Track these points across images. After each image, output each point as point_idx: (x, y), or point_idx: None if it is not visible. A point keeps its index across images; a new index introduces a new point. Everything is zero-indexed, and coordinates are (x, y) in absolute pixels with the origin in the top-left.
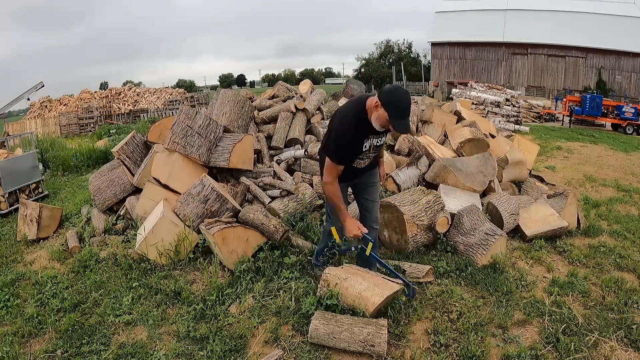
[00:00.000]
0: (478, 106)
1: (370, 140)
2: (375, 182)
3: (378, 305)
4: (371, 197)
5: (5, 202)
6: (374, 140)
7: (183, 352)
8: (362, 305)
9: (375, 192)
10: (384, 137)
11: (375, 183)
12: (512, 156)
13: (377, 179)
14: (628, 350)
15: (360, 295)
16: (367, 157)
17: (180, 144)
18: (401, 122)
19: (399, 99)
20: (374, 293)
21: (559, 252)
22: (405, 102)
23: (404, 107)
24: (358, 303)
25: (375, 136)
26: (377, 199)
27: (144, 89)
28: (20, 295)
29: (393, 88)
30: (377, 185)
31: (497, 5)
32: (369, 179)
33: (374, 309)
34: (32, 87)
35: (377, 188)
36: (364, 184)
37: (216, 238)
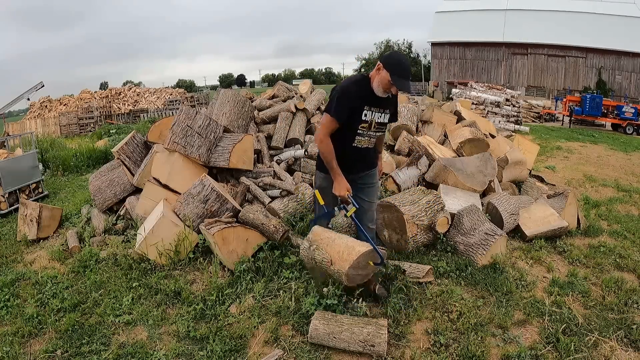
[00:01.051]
0: (478, 106)
1: (372, 112)
2: (373, 183)
3: (361, 255)
4: (368, 197)
5: (5, 202)
6: (375, 115)
7: (183, 352)
8: (345, 254)
9: (373, 193)
10: (386, 115)
11: (373, 184)
12: (512, 156)
13: (375, 180)
14: (628, 350)
15: (347, 245)
16: (367, 135)
17: (180, 144)
18: (403, 81)
19: (399, 59)
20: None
21: (559, 252)
22: (406, 63)
23: (405, 67)
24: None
25: (377, 109)
26: (374, 199)
27: (144, 89)
28: (20, 295)
29: (394, 52)
30: (375, 187)
31: (497, 5)
32: (367, 180)
33: (358, 256)
34: (32, 87)
35: (375, 189)
36: (362, 183)
37: (216, 238)
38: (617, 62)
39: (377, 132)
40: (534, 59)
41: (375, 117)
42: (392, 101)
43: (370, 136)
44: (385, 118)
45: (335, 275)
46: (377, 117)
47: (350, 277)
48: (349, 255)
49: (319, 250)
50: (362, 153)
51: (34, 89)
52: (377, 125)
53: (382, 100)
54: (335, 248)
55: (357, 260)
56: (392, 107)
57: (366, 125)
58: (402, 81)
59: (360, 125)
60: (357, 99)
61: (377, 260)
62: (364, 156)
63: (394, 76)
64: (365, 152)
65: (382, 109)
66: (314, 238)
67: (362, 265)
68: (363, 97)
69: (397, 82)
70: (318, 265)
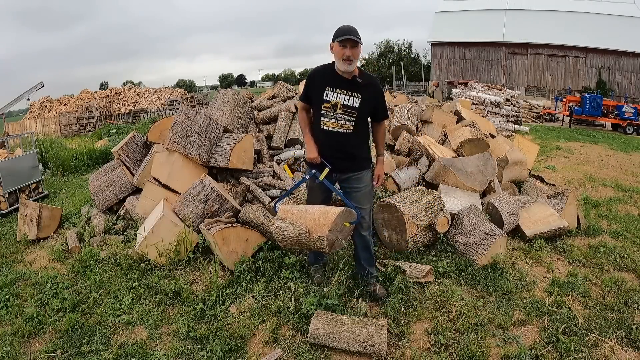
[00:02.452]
0: (478, 106)
1: (337, 93)
2: (360, 188)
3: (337, 216)
4: (357, 203)
5: (5, 202)
6: (340, 97)
7: (183, 352)
8: (322, 219)
9: (361, 198)
10: (355, 99)
11: (360, 189)
12: (512, 156)
13: (364, 185)
14: (628, 350)
15: (320, 211)
16: (333, 116)
17: (180, 144)
18: (345, 36)
19: (339, 27)
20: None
21: (559, 252)
22: (343, 26)
23: (343, 28)
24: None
25: (342, 91)
26: (364, 205)
27: (144, 89)
28: (20, 295)
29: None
30: (363, 192)
31: (497, 5)
32: (353, 184)
33: (335, 217)
34: (32, 87)
35: (364, 194)
36: (349, 187)
37: (216, 238)
38: (617, 62)
39: (345, 115)
40: (534, 59)
41: (341, 98)
42: (365, 86)
43: (338, 118)
44: (355, 102)
45: (316, 244)
46: (344, 99)
47: (331, 241)
48: (325, 219)
49: (294, 225)
50: (332, 137)
51: (34, 89)
52: (343, 107)
53: (349, 83)
54: (310, 217)
55: (334, 223)
56: (365, 92)
57: (329, 105)
58: (344, 37)
59: (323, 105)
60: (319, 80)
61: (353, 219)
62: (336, 141)
63: (336, 40)
64: (335, 136)
65: (350, 91)
66: (284, 216)
67: (339, 227)
68: (325, 76)
69: (341, 40)
70: (297, 240)
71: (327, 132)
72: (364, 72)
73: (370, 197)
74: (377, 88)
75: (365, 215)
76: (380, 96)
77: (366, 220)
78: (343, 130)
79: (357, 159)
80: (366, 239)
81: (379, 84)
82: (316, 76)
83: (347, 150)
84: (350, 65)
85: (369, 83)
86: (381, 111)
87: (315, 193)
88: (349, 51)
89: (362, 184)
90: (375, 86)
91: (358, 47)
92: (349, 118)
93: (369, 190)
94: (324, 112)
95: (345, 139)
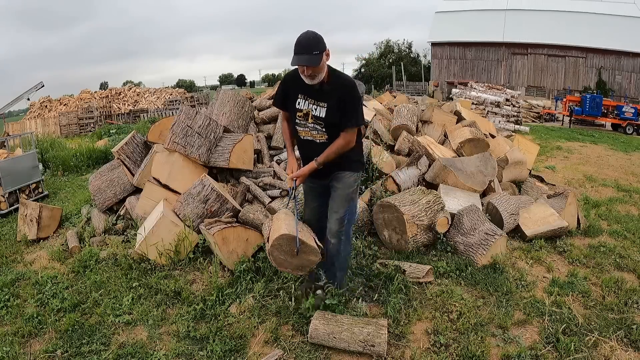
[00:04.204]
0: (478, 106)
1: (307, 102)
2: (337, 188)
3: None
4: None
5: (5, 202)
6: (312, 106)
7: (183, 352)
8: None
9: (336, 199)
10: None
11: (337, 189)
12: (512, 156)
13: (341, 185)
14: (628, 350)
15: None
16: (306, 125)
17: (180, 144)
18: (297, 57)
19: (297, 38)
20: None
21: (559, 252)
22: (301, 39)
23: (299, 42)
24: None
25: (311, 100)
26: (336, 208)
27: (144, 89)
28: (20, 295)
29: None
30: (339, 193)
31: (497, 5)
32: (333, 181)
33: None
34: (32, 87)
35: (339, 196)
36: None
37: (216, 238)
38: (617, 62)
39: (317, 125)
40: (534, 59)
41: (312, 108)
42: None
43: (310, 128)
44: (321, 112)
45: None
46: (313, 109)
47: (276, 259)
48: (272, 235)
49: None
50: (309, 146)
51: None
52: (313, 117)
53: (317, 92)
54: (273, 227)
55: (277, 241)
56: (330, 99)
57: (302, 114)
58: (296, 57)
59: (297, 113)
60: (292, 86)
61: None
62: (314, 151)
63: (293, 57)
64: (312, 146)
65: (317, 101)
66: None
67: (286, 249)
68: (297, 83)
69: (293, 60)
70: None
71: (303, 141)
72: (334, 76)
73: (346, 202)
74: (343, 92)
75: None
76: (348, 102)
77: (334, 227)
78: (317, 140)
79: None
80: (332, 246)
81: (349, 87)
82: (289, 82)
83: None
84: (313, 80)
85: (334, 89)
86: (345, 119)
87: (309, 198)
88: (307, 71)
89: (339, 184)
90: (340, 91)
91: (319, 64)
92: (320, 128)
93: (348, 194)
94: (298, 120)
95: (322, 148)
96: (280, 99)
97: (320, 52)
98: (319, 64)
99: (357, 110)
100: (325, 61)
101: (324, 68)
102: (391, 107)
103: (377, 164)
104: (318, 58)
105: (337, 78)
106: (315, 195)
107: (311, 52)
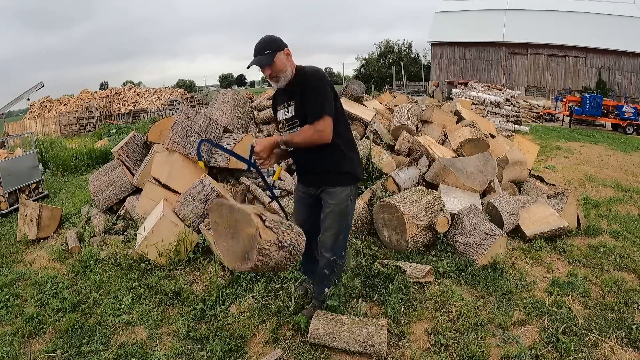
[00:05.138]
0: (478, 106)
1: (281, 110)
2: (329, 205)
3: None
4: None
5: (5, 202)
6: (281, 113)
7: (183, 352)
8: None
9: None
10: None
11: (329, 205)
12: (512, 156)
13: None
14: (628, 350)
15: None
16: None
17: (180, 144)
18: (252, 60)
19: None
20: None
21: (559, 252)
22: (255, 43)
23: (254, 48)
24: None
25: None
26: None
27: (144, 89)
28: (20, 295)
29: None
30: (332, 209)
31: (497, 5)
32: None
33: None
34: (32, 87)
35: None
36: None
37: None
38: (617, 62)
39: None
40: (534, 59)
41: (282, 115)
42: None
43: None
44: (291, 111)
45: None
46: (284, 114)
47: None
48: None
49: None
50: (296, 157)
51: (34, 89)
52: (287, 122)
53: (286, 93)
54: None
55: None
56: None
57: (281, 125)
58: (250, 62)
59: (279, 127)
60: (274, 103)
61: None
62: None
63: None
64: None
65: (287, 102)
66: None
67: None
68: (277, 97)
69: (249, 64)
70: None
71: (290, 153)
72: (299, 73)
73: (339, 217)
74: (302, 83)
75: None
76: (306, 93)
77: (329, 241)
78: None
79: (330, 173)
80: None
81: (309, 76)
82: (273, 101)
83: (313, 165)
84: (279, 82)
85: (298, 84)
86: (307, 110)
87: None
88: (266, 71)
89: (332, 200)
90: (302, 82)
91: (273, 62)
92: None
93: (341, 210)
94: (280, 133)
95: (304, 153)
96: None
97: (273, 50)
98: (271, 61)
99: (321, 99)
100: (285, 60)
101: (284, 68)
102: (391, 107)
103: (377, 164)
104: (270, 57)
105: (301, 74)
106: (305, 206)
107: (262, 53)
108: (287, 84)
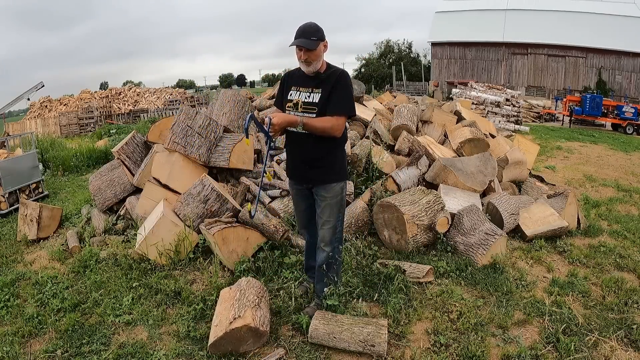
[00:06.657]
0: (478, 106)
1: (300, 92)
2: (326, 198)
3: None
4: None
5: (5, 202)
6: (302, 95)
7: (183, 352)
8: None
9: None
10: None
11: (326, 199)
12: (512, 156)
13: (330, 195)
14: (628, 350)
15: (226, 316)
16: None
17: (180, 144)
18: (296, 40)
19: (298, 27)
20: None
21: (559, 252)
22: (301, 26)
23: (298, 29)
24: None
25: (305, 89)
26: (327, 217)
27: (144, 89)
28: (20, 295)
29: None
30: (329, 202)
31: (497, 5)
32: (321, 192)
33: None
34: (32, 87)
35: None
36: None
37: (216, 238)
38: (617, 62)
39: (306, 113)
40: (534, 59)
41: (302, 97)
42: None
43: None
44: (315, 98)
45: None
46: (305, 96)
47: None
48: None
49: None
50: (296, 141)
51: (34, 89)
52: (304, 105)
53: (311, 80)
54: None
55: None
56: (324, 86)
57: (292, 104)
58: (294, 40)
59: (287, 104)
60: (288, 82)
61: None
62: (299, 144)
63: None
64: (298, 140)
65: (311, 87)
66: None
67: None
68: (293, 78)
69: (293, 43)
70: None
71: (289, 132)
72: (330, 67)
73: (336, 210)
74: (337, 79)
75: (328, 227)
76: (338, 88)
77: (327, 235)
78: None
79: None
80: (323, 255)
81: (342, 76)
82: (286, 78)
83: (313, 157)
84: (309, 67)
85: (329, 77)
86: (332, 103)
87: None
88: (303, 55)
89: (329, 194)
90: (332, 78)
91: (315, 49)
92: (310, 115)
93: (336, 202)
94: (287, 111)
95: (306, 141)
96: (279, 98)
97: (318, 39)
98: (315, 48)
99: (349, 98)
100: (323, 51)
101: (320, 56)
102: (391, 107)
103: (377, 164)
104: (315, 43)
105: (334, 70)
106: (303, 197)
107: (309, 37)
108: (315, 73)
